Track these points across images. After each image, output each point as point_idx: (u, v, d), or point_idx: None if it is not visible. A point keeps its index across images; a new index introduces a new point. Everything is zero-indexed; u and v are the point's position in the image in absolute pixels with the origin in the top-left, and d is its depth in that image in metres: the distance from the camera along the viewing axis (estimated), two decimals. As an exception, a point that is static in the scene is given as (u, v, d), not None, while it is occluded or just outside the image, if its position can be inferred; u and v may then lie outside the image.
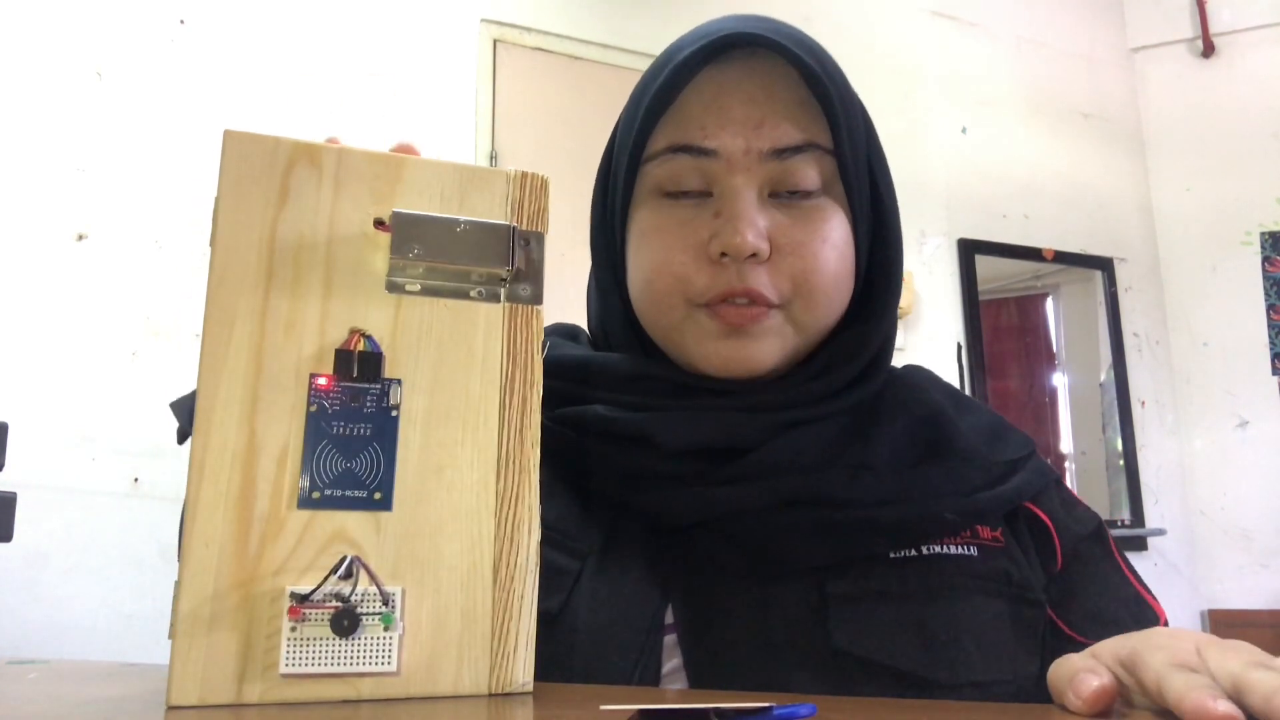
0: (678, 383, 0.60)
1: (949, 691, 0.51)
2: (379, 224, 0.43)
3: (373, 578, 0.40)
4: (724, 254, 0.57)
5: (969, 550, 0.56)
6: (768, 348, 0.58)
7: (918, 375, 0.67)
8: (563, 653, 0.51)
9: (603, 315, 0.67)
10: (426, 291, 0.44)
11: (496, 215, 0.45)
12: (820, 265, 0.58)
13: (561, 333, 0.71)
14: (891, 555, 0.55)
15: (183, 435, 0.56)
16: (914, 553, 0.55)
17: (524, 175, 0.46)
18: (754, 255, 0.56)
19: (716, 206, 0.58)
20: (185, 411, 0.57)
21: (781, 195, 0.59)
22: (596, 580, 0.55)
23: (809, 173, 0.58)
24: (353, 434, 0.41)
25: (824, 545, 0.54)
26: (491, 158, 2.40)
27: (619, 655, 0.52)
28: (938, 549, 0.56)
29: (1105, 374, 3.08)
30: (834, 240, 0.59)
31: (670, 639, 0.54)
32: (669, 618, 0.54)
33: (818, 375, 0.60)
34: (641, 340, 0.64)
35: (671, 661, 0.53)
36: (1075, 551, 0.61)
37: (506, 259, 0.43)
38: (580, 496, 0.59)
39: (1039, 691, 0.54)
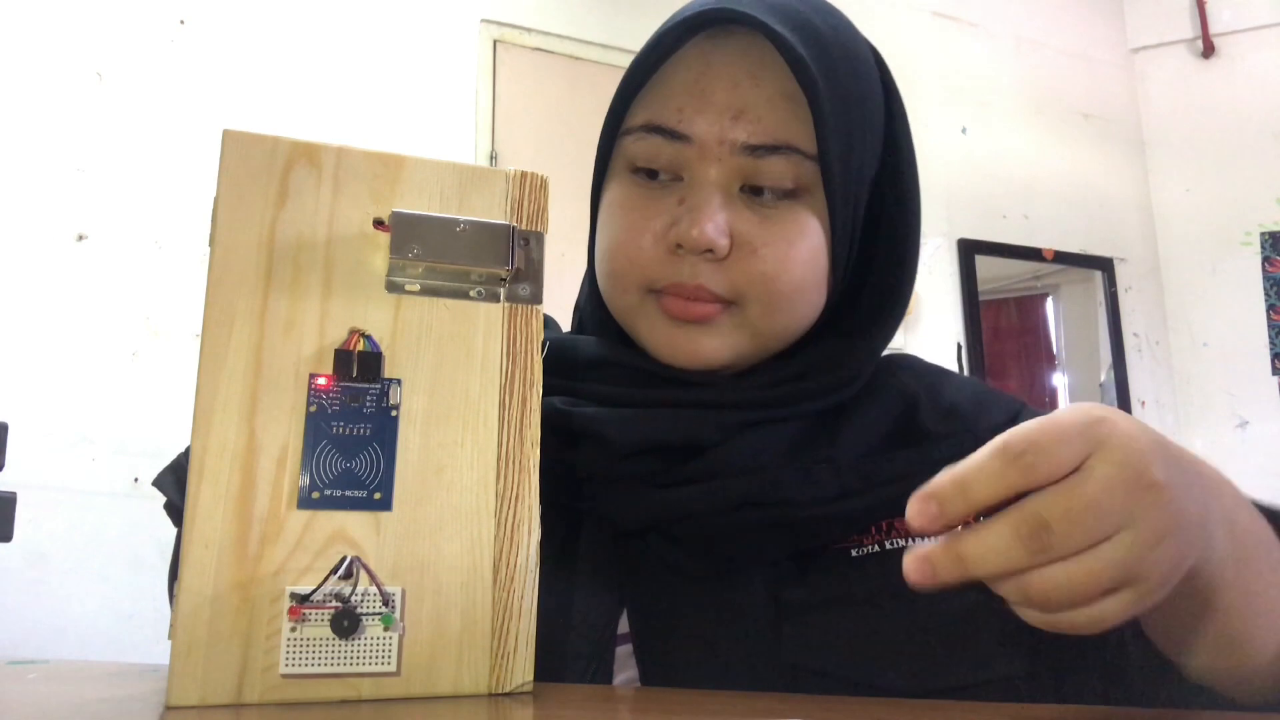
0: (642, 370, 0.57)
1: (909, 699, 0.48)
2: (378, 224, 0.43)
3: (373, 578, 0.40)
4: (680, 245, 0.54)
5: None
6: (716, 343, 0.56)
7: (899, 363, 0.64)
8: None
9: (583, 292, 0.65)
10: (426, 291, 0.43)
11: (496, 215, 0.45)
12: (780, 271, 0.55)
13: None
14: (854, 554, 0.53)
15: (173, 509, 0.54)
16: (877, 548, 0.53)
17: (523, 175, 0.46)
18: (710, 251, 0.54)
19: (683, 194, 0.55)
20: (170, 486, 0.56)
21: (757, 192, 0.56)
22: (548, 588, 0.53)
23: (783, 175, 0.55)
24: (352, 434, 0.41)
25: (776, 541, 0.53)
26: (491, 158, 2.40)
27: (570, 665, 0.51)
28: (901, 542, 0.52)
29: (1105, 374, 3.07)
30: (801, 247, 0.55)
31: (624, 649, 0.53)
32: (624, 625, 0.53)
33: (791, 380, 0.57)
34: (610, 319, 0.61)
35: (625, 673, 0.52)
36: None
37: (506, 259, 0.43)
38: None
39: (1034, 690, 0.51)
